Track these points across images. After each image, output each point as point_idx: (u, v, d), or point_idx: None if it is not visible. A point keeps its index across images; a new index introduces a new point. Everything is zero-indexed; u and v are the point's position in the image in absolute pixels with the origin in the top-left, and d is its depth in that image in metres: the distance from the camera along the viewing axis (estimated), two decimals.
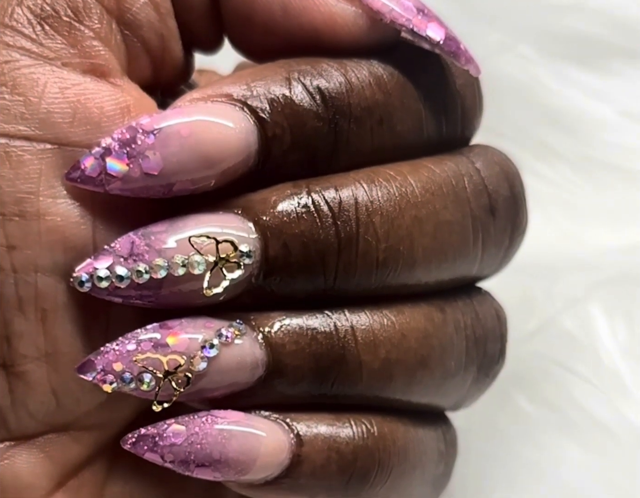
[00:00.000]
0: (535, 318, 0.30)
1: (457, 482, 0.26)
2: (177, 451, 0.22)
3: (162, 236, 0.22)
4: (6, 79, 0.21)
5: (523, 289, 0.30)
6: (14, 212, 0.21)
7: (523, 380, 0.29)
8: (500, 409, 0.29)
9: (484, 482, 0.28)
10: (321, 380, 0.23)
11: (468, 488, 0.28)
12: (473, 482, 0.28)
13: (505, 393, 0.27)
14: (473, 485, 0.28)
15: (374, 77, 0.23)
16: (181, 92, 0.25)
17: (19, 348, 0.22)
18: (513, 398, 0.29)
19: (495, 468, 0.28)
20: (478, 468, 0.28)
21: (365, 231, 0.22)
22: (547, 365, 0.30)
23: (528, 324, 0.29)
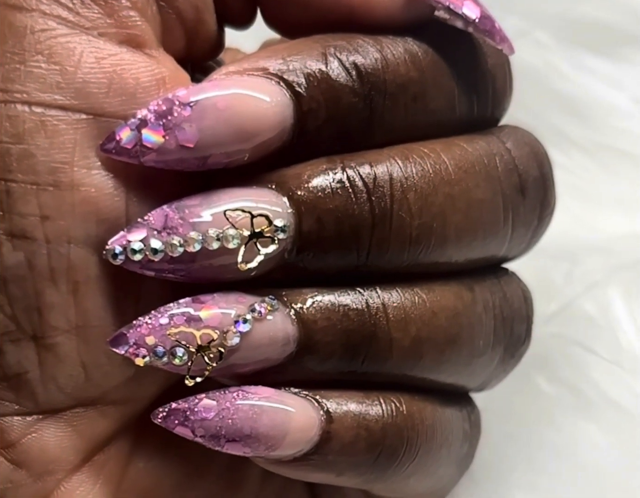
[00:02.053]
0: (555, 300, 0.30)
1: (477, 462, 0.26)
2: (207, 426, 0.22)
3: (196, 210, 0.22)
4: (42, 47, 0.21)
5: (543, 272, 0.30)
6: (48, 182, 0.21)
7: (542, 361, 0.29)
8: (520, 390, 0.29)
9: (503, 463, 0.28)
10: (351, 357, 0.23)
11: (488, 468, 0.28)
12: (493, 462, 0.28)
13: (525, 374, 0.27)
14: (493, 466, 0.28)
15: (409, 54, 0.23)
16: (209, 68, 0.25)
17: (50, 319, 0.22)
18: (532, 380, 0.30)
19: (515, 449, 0.28)
20: (497, 449, 0.28)
21: (400, 208, 0.22)
22: (567, 346, 0.30)
23: (548, 307, 0.29)
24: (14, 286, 0.21)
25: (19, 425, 0.22)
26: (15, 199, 0.21)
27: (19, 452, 0.22)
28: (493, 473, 0.28)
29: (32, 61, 0.21)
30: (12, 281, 0.21)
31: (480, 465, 0.27)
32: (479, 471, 0.27)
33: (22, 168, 0.21)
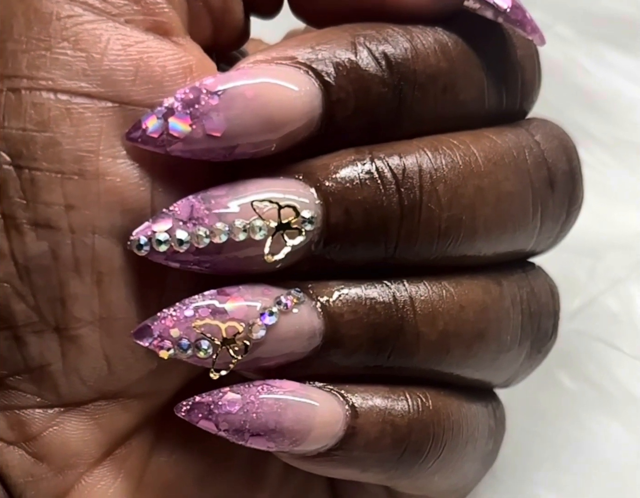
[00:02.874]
0: (578, 297, 0.30)
1: (500, 459, 0.26)
2: (232, 419, 0.22)
3: (223, 200, 0.21)
4: (69, 34, 0.21)
5: (565, 269, 0.30)
6: (73, 170, 0.21)
7: (566, 358, 0.29)
8: (543, 387, 0.29)
9: (526, 461, 0.28)
10: (378, 351, 0.22)
11: (510, 466, 0.27)
12: (515, 460, 0.27)
13: (548, 371, 0.27)
14: (515, 463, 0.27)
15: (439, 44, 0.22)
16: (234, 57, 0.25)
17: (74, 311, 0.21)
18: (555, 376, 0.29)
19: (538, 446, 0.28)
20: (520, 446, 0.28)
21: (429, 199, 0.22)
22: (590, 343, 0.29)
23: (571, 303, 0.29)
24: (38, 277, 0.21)
25: (41, 418, 0.22)
26: (40, 187, 0.21)
27: (40, 445, 0.22)
28: (516, 471, 0.28)
29: (57, 48, 0.21)
30: (36, 272, 0.21)
31: (503, 462, 0.26)
32: (501, 468, 0.26)
33: (47, 156, 0.21)
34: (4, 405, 0.22)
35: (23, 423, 0.22)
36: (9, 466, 0.22)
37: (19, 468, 0.22)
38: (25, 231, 0.21)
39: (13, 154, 0.21)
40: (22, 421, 0.22)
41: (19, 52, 0.21)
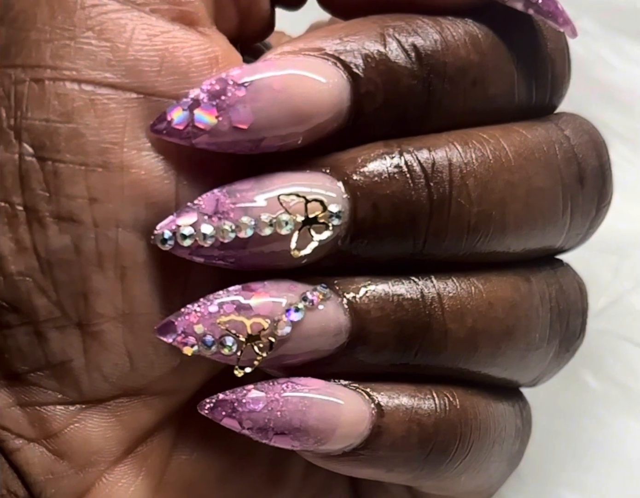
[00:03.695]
0: (604, 296, 0.30)
1: (523, 460, 0.26)
2: (256, 418, 0.21)
3: (249, 194, 0.21)
4: (93, 23, 0.20)
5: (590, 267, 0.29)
6: (97, 163, 0.20)
7: (590, 357, 0.29)
8: (567, 386, 0.28)
9: (550, 461, 0.27)
10: (405, 348, 0.22)
11: (534, 466, 0.27)
12: (539, 460, 0.27)
13: (572, 370, 0.27)
14: (539, 464, 0.27)
15: (470, 36, 0.22)
16: (257, 49, 0.25)
17: (96, 306, 0.21)
18: (580, 376, 0.29)
19: (562, 447, 0.28)
20: (544, 446, 0.27)
21: (459, 194, 0.21)
22: (615, 342, 0.29)
23: (596, 302, 0.28)
24: (60, 271, 0.21)
25: (62, 415, 0.22)
26: (63, 180, 0.20)
27: (61, 443, 0.22)
28: (539, 471, 0.27)
29: (82, 38, 0.20)
30: (58, 266, 0.21)
31: (526, 462, 0.26)
32: (525, 469, 0.26)
33: (70, 148, 0.20)
34: (25, 402, 0.21)
35: (44, 420, 0.22)
36: (29, 463, 0.22)
37: (39, 466, 0.22)
38: (47, 224, 0.20)
39: (36, 145, 0.20)
40: (43, 418, 0.22)
41: (43, 41, 0.20)
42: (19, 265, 0.21)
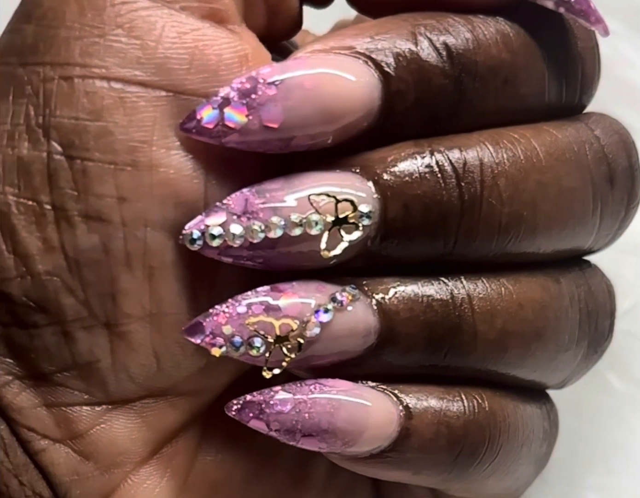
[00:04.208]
0: (628, 297, 0.29)
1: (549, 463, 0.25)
2: (283, 419, 0.21)
3: (278, 194, 0.21)
4: (123, 20, 0.20)
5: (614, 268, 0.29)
6: (126, 161, 0.20)
7: (614, 358, 0.28)
8: (591, 388, 0.28)
9: (574, 463, 0.27)
10: (434, 350, 0.22)
11: (559, 469, 0.27)
12: (563, 462, 0.27)
13: (596, 371, 0.26)
14: (564, 466, 0.27)
15: (501, 35, 0.22)
16: (283, 48, 0.25)
17: (124, 306, 0.21)
18: (604, 377, 0.29)
19: (586, 449, 0.27)
20: (569, 449, 0.27)
21: (490, 194, 0.21)
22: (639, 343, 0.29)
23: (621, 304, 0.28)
24: (88, 271, 0.21)
25: (88, 415, 0.21)
26: (92, 179, 0.20)
27: (86, 443, 0.22)
28: (564, 474, 0.27)
29: (111, 35, 0.20)
30: (86, 265, 0.21)
31: (551, 464, 0.26)
32: (549, 471, 0.26)
33: (99, 146, 0.20)
34: (51, 402, 0.21)
35: (70, 421, 0.21)
36: (54, 464, 0.21)
37: (65, 467, 0.21)
38: (76, 223, 0.20)
39: (65, 144, 0.20)
40: (69, 419, 0.21)
41: (72, 39, 0.20)
42: (46, 265, 0.20)
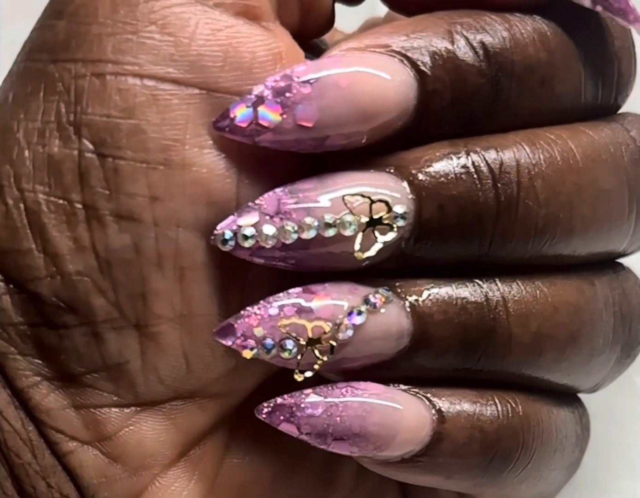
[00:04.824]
0: None
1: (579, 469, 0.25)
2: (314, 423, 0.21)
3: (311, 194, 0.20)
4: (156, 17, 0.20)
5: None
6: (158, 160, 0.20)
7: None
8: (621, 392, 0.28)
9: (606, 469, 0.26)
10: (467, 353, 0.21)
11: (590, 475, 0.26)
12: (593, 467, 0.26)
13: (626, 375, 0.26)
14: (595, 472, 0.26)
15: (538, 34, 0.21)
16: (314, 45, 0.24)
17: (154, 307, 0.21)
18: (633, 381, 0.28)
19: (617, 455, 0.27)
20: (599, 454, 0.27)
21: (526, 196, 0.21)
22: None
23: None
24: (119, 271, 0.20)
25: (117, 417, 0.21)
26: (124, 177, 0.20)
27: (115, 446, 0.21)
28: (595, 480, 0.27)
29: (144, 32, 0.20)
30: (117, 266, 0.20)
31: (581, 470, 0.25)
32: (580, 477, 0.25)
33: (131, 145, 0.20)
34: (80, 404, 0.21)
35: (98, 423, 0.21)
36: (82, 466, 0.21)
37: (93, 469, 0.21)
38: (107, 223, 0.20)
39: (96, 141, 0.20)
40: (98, 421, 0.21)
41: (104, 35, 0.20)
42: (77, 264, 0.20)
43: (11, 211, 0.20)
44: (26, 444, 0.21)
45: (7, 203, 0.20)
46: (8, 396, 0.21)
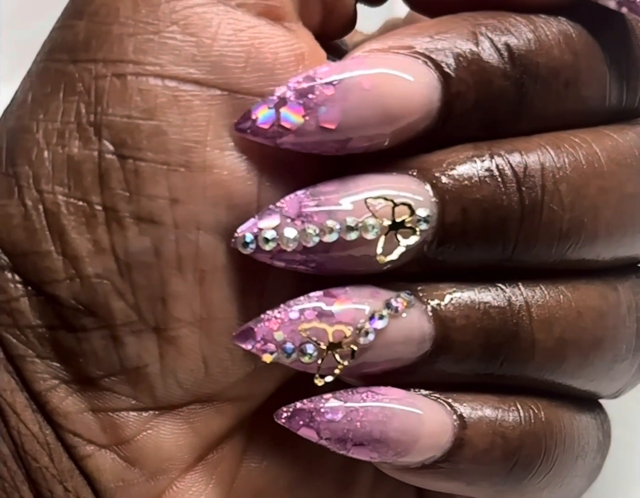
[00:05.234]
0: None
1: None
2: (334, 428, 0.20)
3: (333, 197, 0.20)
4: (178, 17, 0.20)
5: None
6: (179, 162, 0.20)
7: None
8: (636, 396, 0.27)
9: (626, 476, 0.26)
10: (490, 358, 0.21)
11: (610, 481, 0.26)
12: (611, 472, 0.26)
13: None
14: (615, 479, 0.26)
15: (564, 36, 0.21)
16: (334, 46, 0.24)
17: (174, 311, 0.20)
18: None
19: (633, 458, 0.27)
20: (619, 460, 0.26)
21: (551, 200, 0.21)
22: None
23: None
24: (139, 274, 0.20)
25: (135, 421, 0.21)
26: (144, 179, 0.20)
27: (133, 449, 0.21)
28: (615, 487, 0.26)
29: (166, 32, 0.20)
30: (137, 268, 0.20)
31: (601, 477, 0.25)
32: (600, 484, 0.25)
33: (152, 146, 0.20)
34: (98, 407, 0.21)
35: (116, 426, 0.21)
36: (99, 470, 0.21)
37: (110, 473, 0.21)
38: (127, 225, 0.20)
39: (117, 142, 0.20)
40: (116, 424, 0.21)
41: (125, 35, 0.20)
42: (96, 267, 0.20)
43: (30, 212, 0.20)
44: (43, 448, 0.21)
45: (26, 204, 0.20)
46: (25, 400, 0.21)
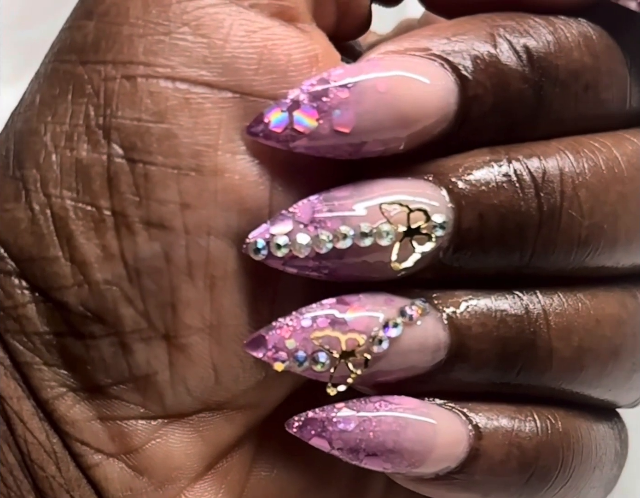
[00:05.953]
0: None
1: None
2: (347, 438, 0.20)
3: (347, 202, 0.20)
4: (189, 18, 0.19)
5: None
6: (190, 166, 0.19)
7: None
8: None
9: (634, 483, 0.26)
10: (506, 367, 0.21)
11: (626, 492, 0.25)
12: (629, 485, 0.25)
13: None
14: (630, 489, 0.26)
15: (583, 38, 0.21)
16: (348, 47, 0.24)
17: (184, 317, 0.20)
18: None
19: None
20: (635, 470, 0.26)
21: (570, 205, 0.20)
22: None
23: None
24: (148, 280, 0.20)
25: (144, 430, 0.21)
26: (154, 183, 0.19)
27: (141, 458, 0.21)
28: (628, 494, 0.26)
29: (177, 33, 0.19)
30: (147, 274, 0.20)
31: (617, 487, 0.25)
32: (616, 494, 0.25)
33: (162, 150, 0.19)
34: (106, 416, 0.20)
35: (125, 435, 0.21)
36: (107, 479, 0.21)
37: (118, 482, 0.21)
38: (137, 230, 0.19)
39: (126, 146, 0.19)
40: (124, 433, 0.21)
41: (136, 37, 0.19)
42: (105, 273, 0.20)
43: (37, 217, 0.20)
44: (50, 456, 0.20)
45: (34, 208, 0.20)
46: (32, 408, 0.20)
